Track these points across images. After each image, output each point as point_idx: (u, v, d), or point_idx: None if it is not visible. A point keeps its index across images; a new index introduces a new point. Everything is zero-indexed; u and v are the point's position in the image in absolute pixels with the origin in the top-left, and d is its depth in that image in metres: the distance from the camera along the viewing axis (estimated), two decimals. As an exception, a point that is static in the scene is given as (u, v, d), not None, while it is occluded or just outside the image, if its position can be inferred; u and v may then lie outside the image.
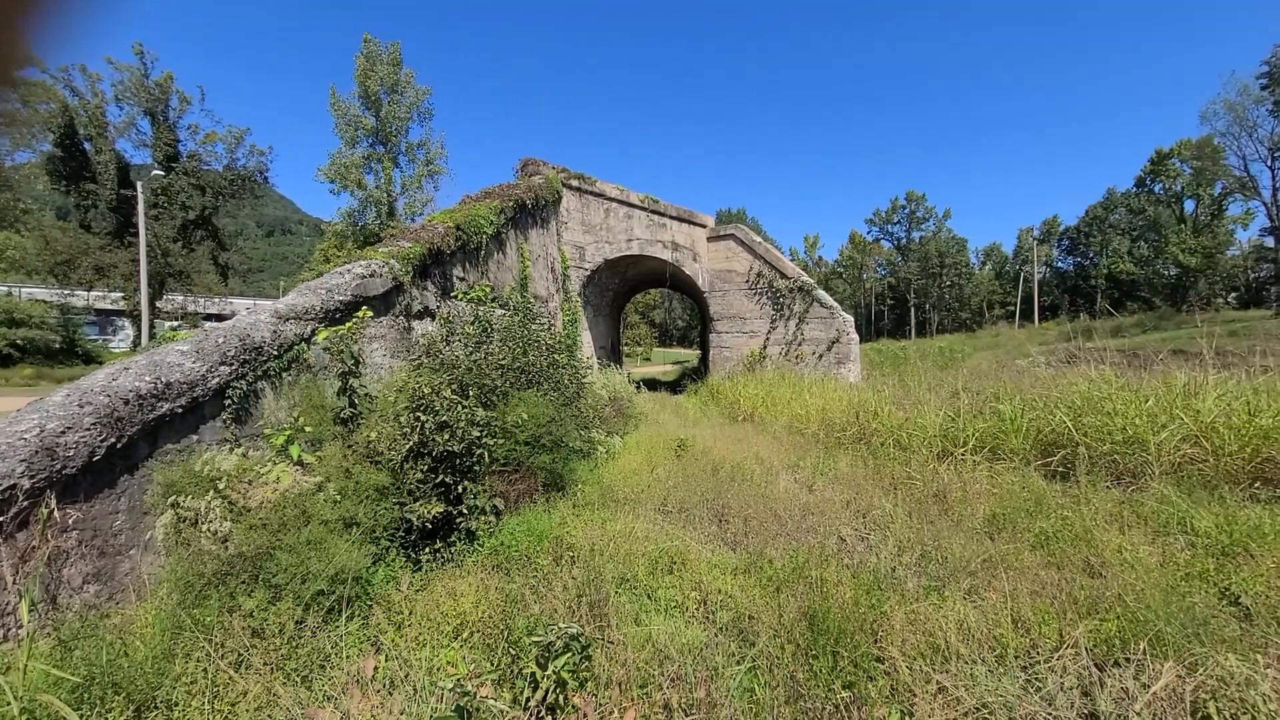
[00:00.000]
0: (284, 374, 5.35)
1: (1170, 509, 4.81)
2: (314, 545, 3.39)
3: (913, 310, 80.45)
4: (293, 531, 3.49)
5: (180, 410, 4.26)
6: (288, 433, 4.55)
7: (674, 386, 22.49)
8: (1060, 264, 78.93)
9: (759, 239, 17.47)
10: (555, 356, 7.50)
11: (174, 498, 3.78)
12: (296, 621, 3.03)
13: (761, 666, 2.96)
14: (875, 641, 3.14)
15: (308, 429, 4.69)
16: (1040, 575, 3.91)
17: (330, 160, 32.61)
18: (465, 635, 3.08)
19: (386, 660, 2.83)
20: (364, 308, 6.10)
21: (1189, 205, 63.95)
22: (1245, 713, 2.37)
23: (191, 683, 2.64)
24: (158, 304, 32.61)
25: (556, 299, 15.47)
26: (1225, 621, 3.12)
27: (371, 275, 6.79)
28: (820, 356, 16.35)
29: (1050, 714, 2.48)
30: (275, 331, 5.32)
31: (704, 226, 17.73)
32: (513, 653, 2.85)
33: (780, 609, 3.43)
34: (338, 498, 3.97)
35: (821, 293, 16.62)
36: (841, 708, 2.62)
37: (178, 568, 3.31)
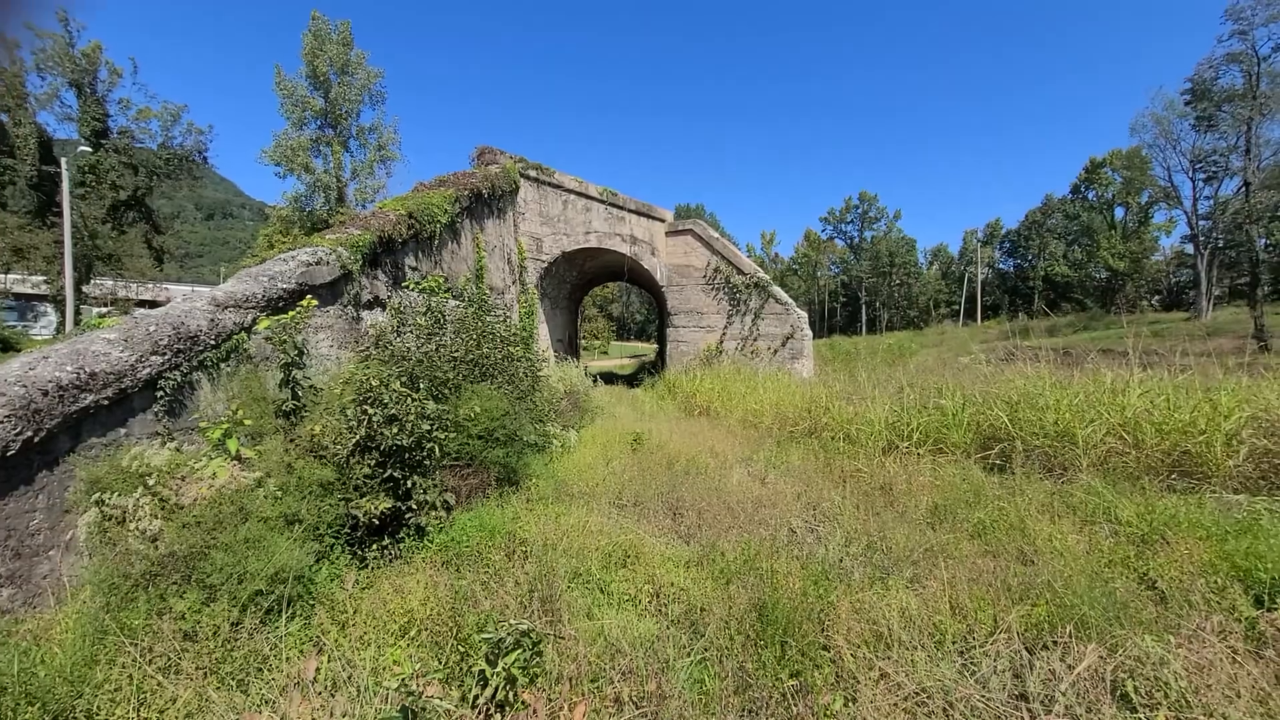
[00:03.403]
0: (222, 365, 5.10)
1: (1096, 499, 5.09)
2: (252, 543, 3.25)
3: (864, 308, 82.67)
4: (229, 529, 3.34)
5: (106, 402, 4.01)
6: (225, 426, 4.35)
7: (631, 380, 22.52)
8: (1002, 265, 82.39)
9: (716, 235, 17.62)
10: (510, 349, 7.39)
11: (99, 495, 3.56)
12: (232, 623, 2.90)
13: (712, 658, 2.99)
14: (822, 630, 3.21)
15: (247, 422, 4.49)
16: (977, 563, 4.08)
17: (275, 142, 31.19)
18: (413, 633, 3.01)
19: (329, 661, 2.74)
20: (309, 296, 5.87)
21: (1119, 212, 67.84)
22: (1159, 689, 2.53)
23: (115, 690, 2.50)
24: (84, 289, 30.62)
25: (513, 291, 15.26)
26: (1143, 605, 3.33)
27: (318, 263, 6.54)
28: (775, 352, 16.64)
29: (984, 696, 2.59)
30: (213, 320, 5.07)
31: (662, 221, 17.77)
32: (462, 650, 2.80)
33: (731, 600, 3.48)
34: (279, 494, 3.81)
35: (777, 289, 16.90)
36: (788, 696, 2.68)
37: (102, 569, 3.12)
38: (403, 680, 2.10)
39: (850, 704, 2.58)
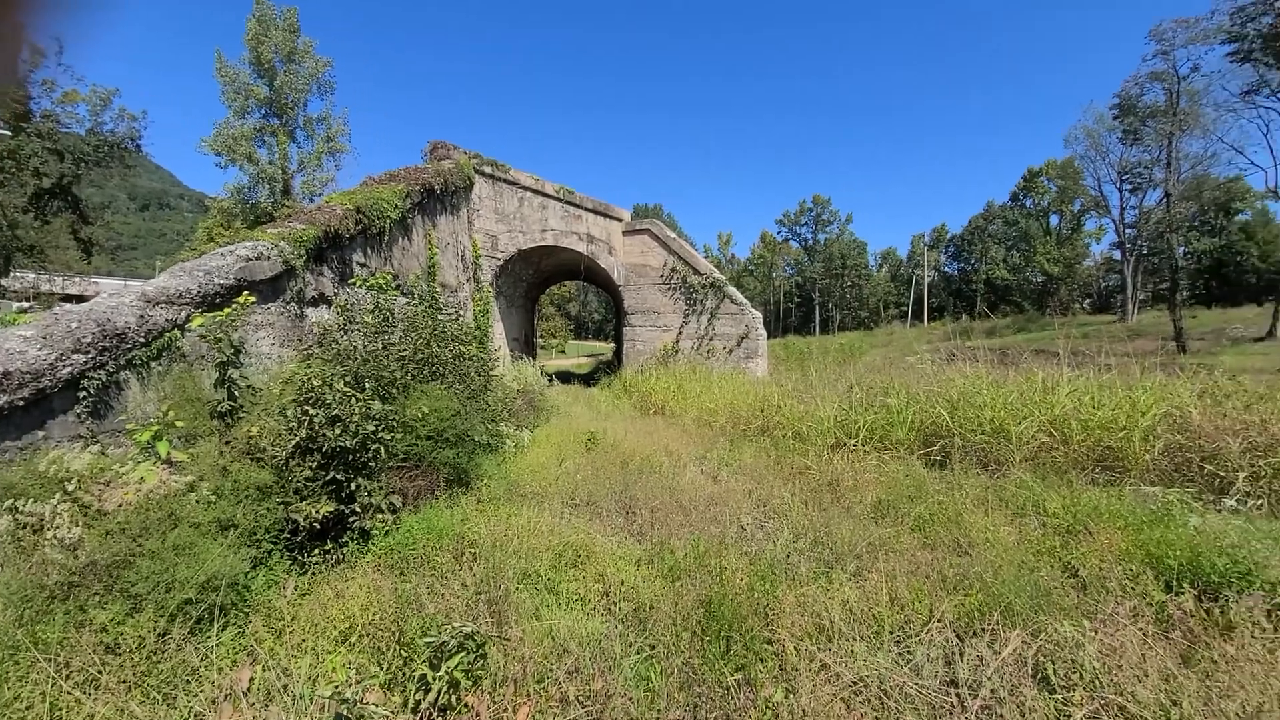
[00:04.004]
0: (153, 364, 4.87)
1: (1027, 493, 5.35)
2: (182, 550, 3.11)
3: (818, 308, 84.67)
4: (157, 536, 3.18)
5: (22, 403, 3.78)
6: (155, 428, 4.14)
7: (588, 379, 22.47)
8: (947, 269, 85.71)
9: (673, 235, 17.74)
10: (462, 348, 7.28)
11: (12, 501, 3.35)
12: (159, 634, 2.77)
13: (659, 655, 3.03)
14: (767, 625, 3.28)
15: (179, 424, 4.29)
16: (917, 556, 4.23)
17: (216, 131, 29.79)
18: (354, 639, 2.94)
19: (264, 670, 2.64)
20: (247, 292, 5.65)
21: (1054, 219, 71.69)
22: (1076, 672, 2.68)
23: (27, 708, 2.36)
24: (3, 282, 28.64)
25: (467, 289, 15.02)
26: (1066, 592, 3.52)
27: (258, 258, 6.30)
28: (730, 351, 16.87)
29: (917, 684, 2.70)
30: (143, 316, 4.83)
31: (620, 220, 17.78)
32: (405, 655, 2.75)
33: (679, 597, 3.52)
34: (212, 498, 3.66)
35: (732, 289, 17.14)
36: (732, 690, 2.73)
37: (14, 580, 2.94)
38: (337, 688, 2.05)
39: (791, 695, 2.65)
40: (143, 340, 4.76)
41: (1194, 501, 4.84)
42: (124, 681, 2.55)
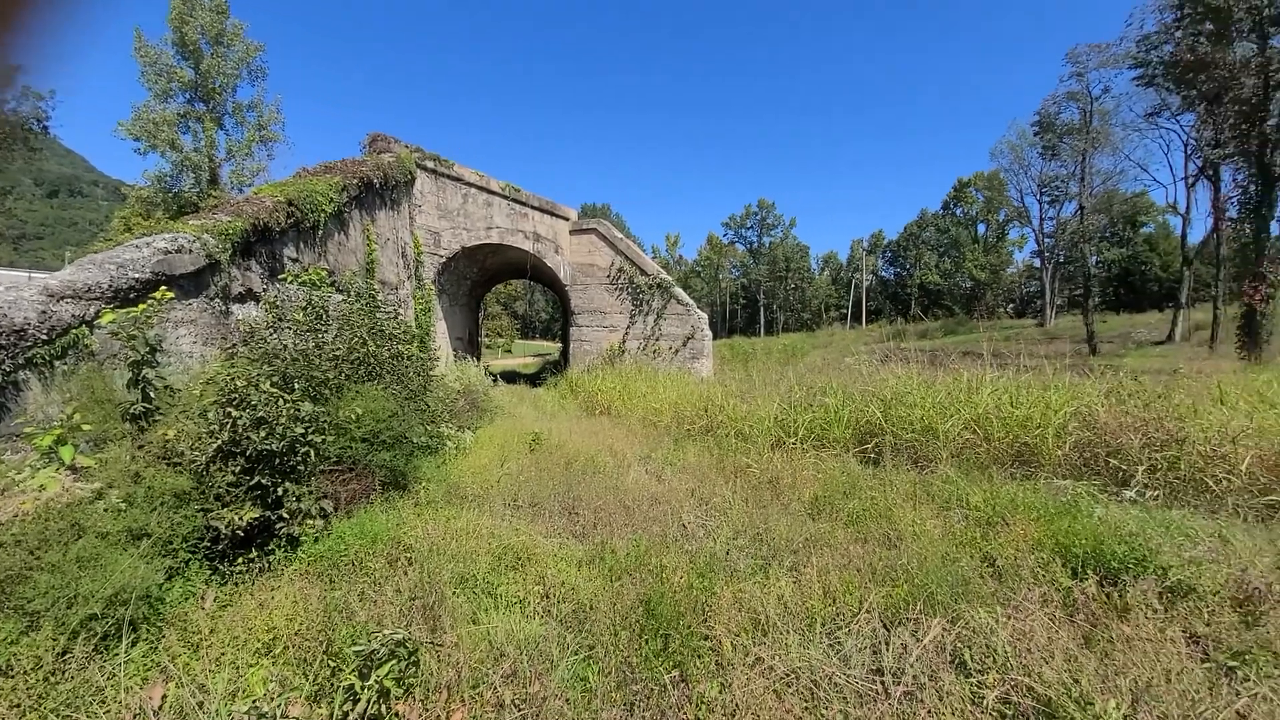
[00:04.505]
0: (57, 362, 4.54)
1: (952, 487, 5.63)
2: (87, 562, 2.90)
3: (762, 310, 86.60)
4: (58, 548, 2.96)
5: (-102, 406, 3.45)
6: (58, 432, 3.86)
7: (534, 379, 22.23)
8: (884, 273, 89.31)
9: (621, 235, 17.77)
10: (401, 347, 7.08)
11: (-114, 514, 3.05)
12: (59, 653, 2.58)
13: (598, 654, 3.03)
14: (704, 621, 3.34)
15: (86, 427, 4.00)
16: (850, 550, 4.39)
17: (135, 114, 27.89)
18: (278, 651, 2.81)
19: (178, 687, 2.50)
20: (165, 287, 5.33)
21: (981, 228, 76.01)
22: (990, 656, 2.85)
23: (-99, 740, 2.16)
24: (-118, 272, 25.95)
25: (408, 286, 14.62)
26: (984, 581, 3.72)
27: (178, 250, 5.96)
28: (676, 352, 17.03)
29: (845, 673, 2.80)
30: (45, 312, 4.49)
31: (567, 219, 17.68)
32: (332, 665, 2.66)
33: (618, 597, 3.54)
34: (123, 506, 3.43)
35: (679, 290, 17.30)
36: (668, 687, 2.76)
37: (-112, 601, 2.68)
38: (254, 702, 1.96)
39: (725, 690, 2.70)
40: (45, 337, 4.42)
41: (1099, 493, 5.22)
42: (16, 706, 2.36)
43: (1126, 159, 38.27)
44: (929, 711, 2.55)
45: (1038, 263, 57.67)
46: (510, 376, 21.81)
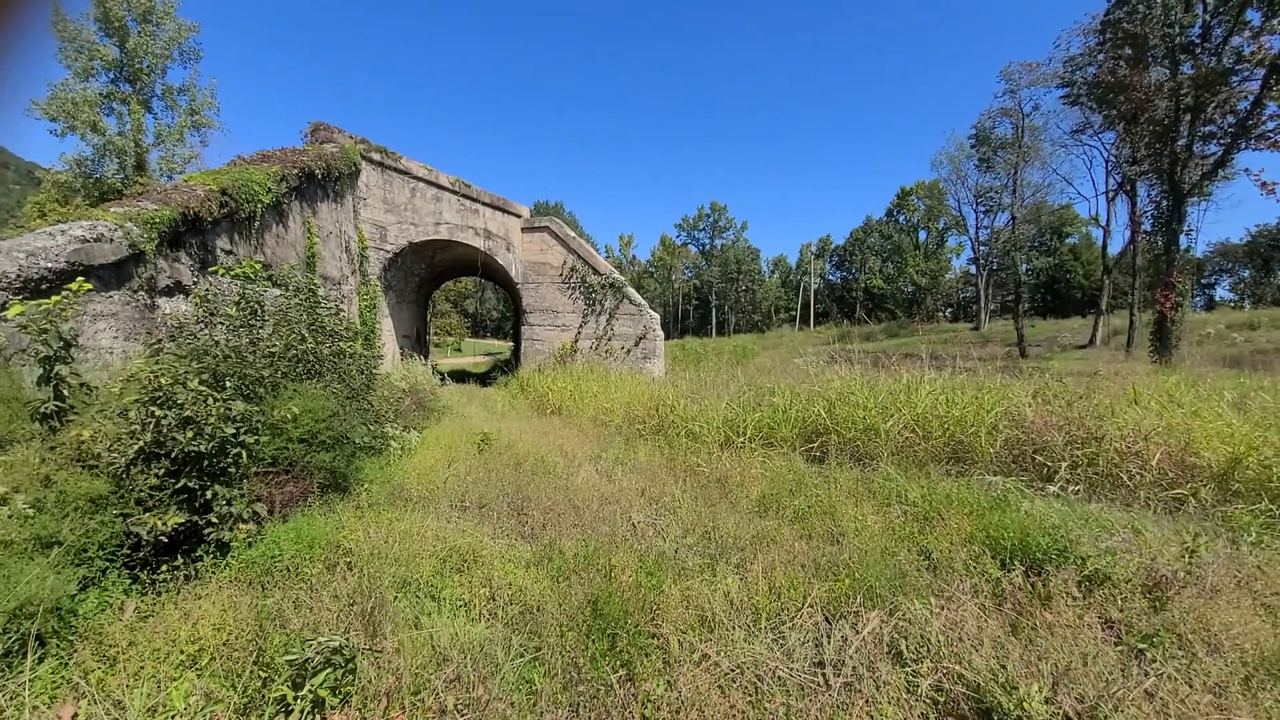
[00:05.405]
0: (-46, 358, 4.17)
1: (892, 484, 5.84)
2: (-13, 574, 2.68)
3: (714, 311, 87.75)
4: (-46, 559, 2.73)
5: None
6: (-45, 433, 3.55)
7: (484, 379, 21.85)
8: (831, 277, 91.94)
9: (574, 234, 17.65)
10: (342, 344, 6.83)
11: None
12: (-46, 673, 2.38)
13: (544, 656, 3.00)
14: (652, 619, 3.35)
15: (-11, 428, 3.70)
16: (795, 546, 4.49)
17: (51, 93, 25.94)
18: (204, 663, 2.67)
19: (91, 704, 2.34)
20: (82, 278, 4.99)
21: (922, 235, 79.31)
22: (924, 646, 2.96)
23: None
24: None
25: (352, 281, 14.14)
26: (920, 574, 3.88)
27: (98, 239, 5.59)
28: (629, 351, 17.04)
29: (788, 666, 2.87)
30: (-60, 302, 4.13)
31: (519, 216, 17.44)
32: (264, 676, 2.54)
33: (566, 597, 3.51)
34: (30, 512, 3.19)
35: (631, 290, 17.32)
36: (615, 686, 2.76)
37: None
38: (172, 718, 1.86)
39: (671, 688, 2.72)
40: (-59, 330, 4.07)
41: (1027, 488, 5.52)
42: (-98, 732, 2.16)
43: (1054, 173, 40.57)
44: (866, 701, 2.64)
45: (974, 269, 60.55)
46: (460, 376, 21.36)
